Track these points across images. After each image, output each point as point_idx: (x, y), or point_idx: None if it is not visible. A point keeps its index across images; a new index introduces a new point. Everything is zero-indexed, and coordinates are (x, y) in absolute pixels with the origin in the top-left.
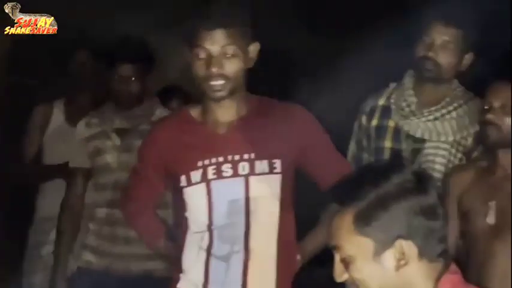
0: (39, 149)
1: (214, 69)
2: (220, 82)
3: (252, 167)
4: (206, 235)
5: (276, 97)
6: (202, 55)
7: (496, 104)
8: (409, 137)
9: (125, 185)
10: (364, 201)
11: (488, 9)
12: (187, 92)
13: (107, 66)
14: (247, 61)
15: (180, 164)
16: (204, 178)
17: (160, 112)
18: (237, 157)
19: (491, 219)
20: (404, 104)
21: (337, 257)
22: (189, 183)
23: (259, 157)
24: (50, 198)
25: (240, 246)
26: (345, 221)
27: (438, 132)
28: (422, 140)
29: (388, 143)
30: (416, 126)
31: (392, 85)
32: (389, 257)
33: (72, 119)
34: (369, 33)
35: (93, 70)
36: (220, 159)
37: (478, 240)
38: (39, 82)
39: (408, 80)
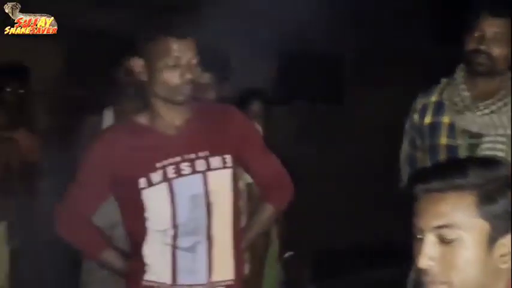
0: None
1: (188, 77)
2: (189, 89)
3: (207, 163)
4: (170, 231)
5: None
6: (171, 62)
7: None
8: (465, 132)
9: (64, 196)
10: (485, 184)
11: None
12: (267, 96)
13: None
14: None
15: (137, 168)
16: (165, 178)
17: None
18: (192, 156)
19: None
20: (457, 99)
21: (429, 239)
22: (150, 184)
23: (212, 154)
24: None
25: (202, 236)
26: (464, 201)
27: (495, 125)
28: (478, 135)
29: (443, 140)
30: (472, 121)
31: (443, 81)
32: (503, 245)
33: None
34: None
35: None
36: (178, 159)
37: None
38: (88, 93)
39: (459, 75)
